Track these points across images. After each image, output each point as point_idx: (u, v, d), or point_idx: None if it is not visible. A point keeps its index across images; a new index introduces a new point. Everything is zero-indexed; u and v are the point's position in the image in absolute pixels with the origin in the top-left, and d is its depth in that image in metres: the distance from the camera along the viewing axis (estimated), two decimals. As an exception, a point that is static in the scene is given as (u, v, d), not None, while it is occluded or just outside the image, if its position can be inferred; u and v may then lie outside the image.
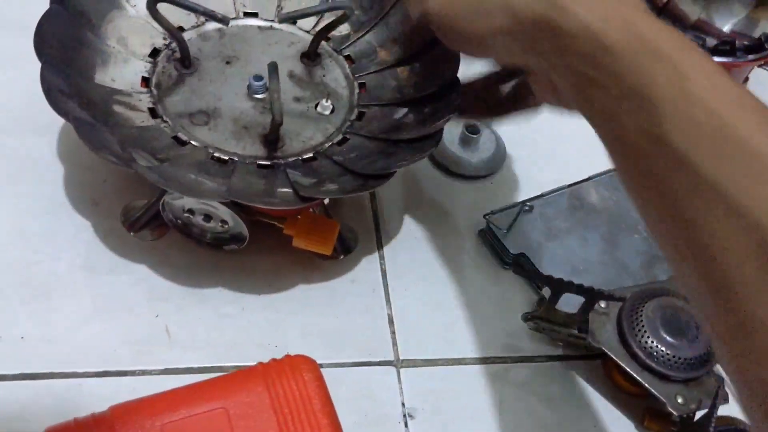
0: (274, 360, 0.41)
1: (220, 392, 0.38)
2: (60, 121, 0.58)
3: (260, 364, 0.41)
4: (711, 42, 0.65)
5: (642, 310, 0.49)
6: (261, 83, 0.52)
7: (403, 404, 0.48)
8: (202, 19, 0.56)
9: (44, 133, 0.57)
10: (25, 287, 0.49)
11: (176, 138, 0.50)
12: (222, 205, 0.48)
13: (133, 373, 0.47)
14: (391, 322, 0.52)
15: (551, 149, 0.66)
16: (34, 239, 0.51)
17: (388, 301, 0.53)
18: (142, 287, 0.51)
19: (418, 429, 0.48)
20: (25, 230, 0.52)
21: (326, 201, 0.55)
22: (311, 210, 0.51)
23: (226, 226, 0.50)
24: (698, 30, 0.65)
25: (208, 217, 0.50)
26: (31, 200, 0.53)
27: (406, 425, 0.48)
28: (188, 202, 0.49)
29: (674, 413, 0.47)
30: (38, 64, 0.46)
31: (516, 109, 0.52)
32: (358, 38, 0.58)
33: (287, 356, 0.41)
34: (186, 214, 0.50)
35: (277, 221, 0.50)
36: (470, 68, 0.52)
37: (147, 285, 0.51)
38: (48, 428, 0.37)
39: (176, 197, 0.48)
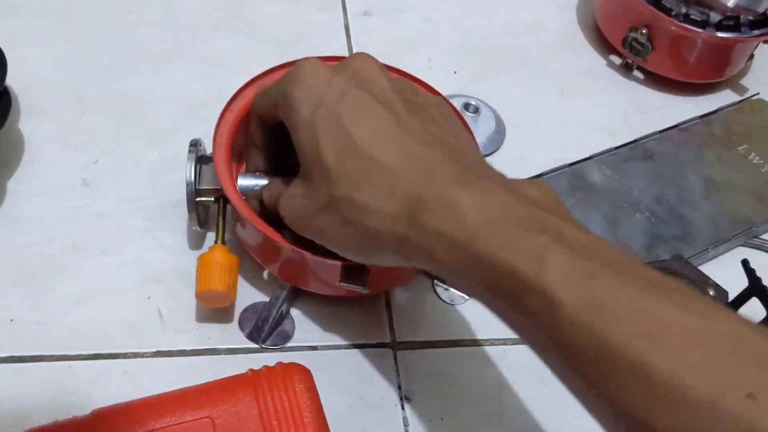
0: (266, 367, 0.40)
1: (206, 400, 0.37)
2: (57, 101, 0.57)
3: (251, 371, 0.39)
4: (715, 17, 0.64)
5: (644, 290, 0.48)
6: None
7: (399, 387, 0.48)
8: None
9: (37, 114, 0.56)
10: (16, 269, 0.48)
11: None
12: None
13: (124, 355, 0.46)
14: (387, 303, 0.51)
15: (552, 128, 0.65)
16: (26, 221, 0.51)
17: (384, 282, 0.52)
18: (134, 269, 0.50)
19: (415, 412, 0.47)
20: (16, 212, 0.51)
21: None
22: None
23: None
24: (701, 5, 0.64)
25: None
26: (21, 182, 0.52)
27: (402, 408, 0.47)
28: None
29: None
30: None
31: None
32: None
33: (279, 364, 0.40)
34: None
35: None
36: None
37: (139, 267, 0.50)
38: (27, 430, 0.36)
39: None
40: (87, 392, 0.44)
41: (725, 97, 0.70)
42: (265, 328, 0.48)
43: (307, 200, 0.39)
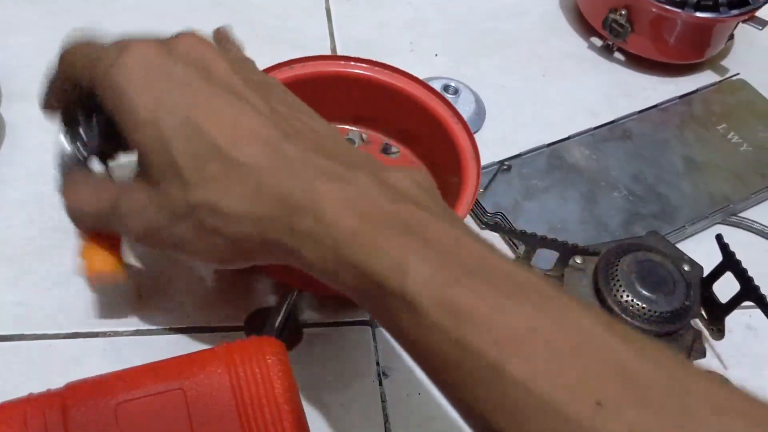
0: (239, 340, 0.40)
1: (178, 372, 0.37)
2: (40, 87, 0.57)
3: (224, 343, 0.39)
4: (694, -3, 0.64)
5: (618, 265, 0.48)
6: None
7: (377, 363, 0.48)
8: None
9: (20, 99, 0.56)
10: (-4, 251, 0.49)
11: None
12: None
13: (104, 334, 0.47)
14: (366, 282, 0.52)
15: (534, 110, 0.65)
16: (7, 205, 0.51)
17: (363, 261, 0.53)
18: (114, 250, 0.50)
19: (392, 388, 0.47)
20: (-4, 195, 0.51)
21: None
22: None
23: None
24: (680, -15, 0.64)
25: None
26: (2, 166, 0.53)
27: (380, 384, 0.47)
28: None
29: (650, 367, 0.46)
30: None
31: None
32: None
33: (252, 337, 0.40)
34: None
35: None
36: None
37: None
38: (1, 403, 0.36)
39: None
40: (66, 370, 0.44)
41: (706, 78, 0.71)
42: (272, 334, 0.45)
43: (156, 210, 0.36)
